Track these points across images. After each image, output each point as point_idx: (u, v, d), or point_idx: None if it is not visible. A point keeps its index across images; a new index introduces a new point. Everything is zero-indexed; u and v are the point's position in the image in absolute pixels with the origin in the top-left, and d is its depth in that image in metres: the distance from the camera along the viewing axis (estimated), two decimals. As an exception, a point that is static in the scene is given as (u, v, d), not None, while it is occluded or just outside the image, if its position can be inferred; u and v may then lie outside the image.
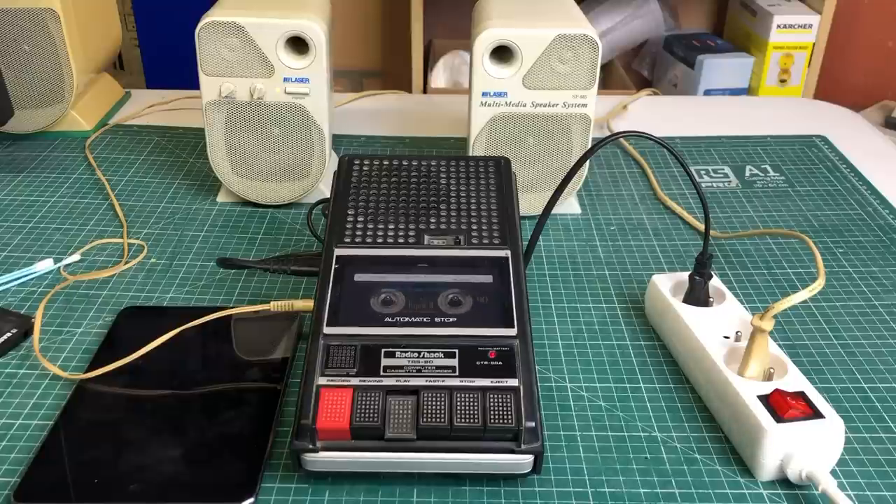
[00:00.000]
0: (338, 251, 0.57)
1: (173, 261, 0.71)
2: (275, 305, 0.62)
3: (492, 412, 0.47)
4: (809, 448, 0.49)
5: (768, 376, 0.53)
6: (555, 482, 0.50)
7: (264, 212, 0.78)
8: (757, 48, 1.89)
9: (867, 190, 0.83)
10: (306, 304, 0.62)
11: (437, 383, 0.49)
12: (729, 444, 0.53)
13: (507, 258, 0.57)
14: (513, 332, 0.52)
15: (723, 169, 0.88)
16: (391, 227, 0.59)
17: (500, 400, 0.48)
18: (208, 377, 0.56)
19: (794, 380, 0.52)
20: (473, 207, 0.61)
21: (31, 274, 0.68)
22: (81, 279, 0.67)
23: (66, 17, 0.84)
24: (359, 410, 0.47)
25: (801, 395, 0.51)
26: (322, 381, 0.49)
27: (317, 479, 0.50)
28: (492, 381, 0.49)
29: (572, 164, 0.75)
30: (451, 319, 0.53)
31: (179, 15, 1.76)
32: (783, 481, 0.50)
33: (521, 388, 0.49)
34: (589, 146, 0.75)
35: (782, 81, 1.88)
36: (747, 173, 0.87)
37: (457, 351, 0.51)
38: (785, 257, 0.72)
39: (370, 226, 0.59)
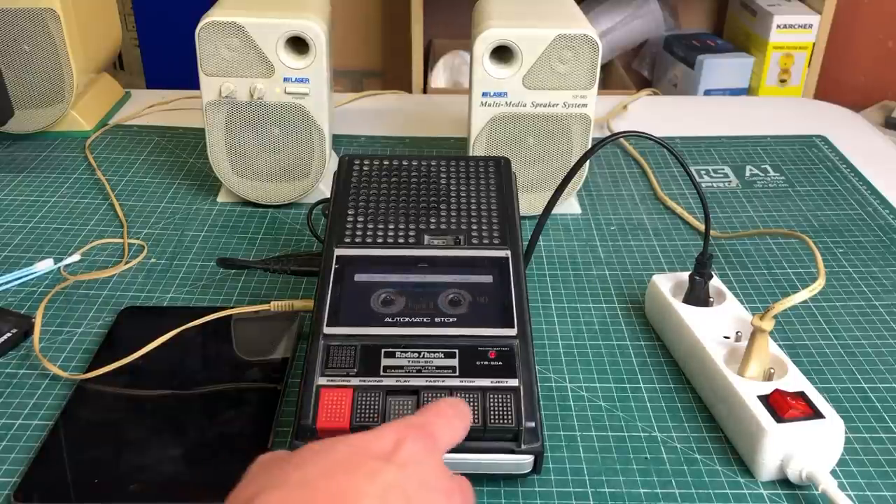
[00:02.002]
0: (338, 251, 0.57)
1: (173, 261, 0.71)
2: (275, 305, 0.62)
3: (492, 412, 0.47)
4: (809, 448, 0.49)
5: (768, 376, 0.53)
6: (555, 482, 0.50)
7: (264, 212, 0.78)
8: (757, 48, 1.89)
9: (867, 190, 0.83)
10: (306, 304, 0.62)
11: (437, 383, 0.49)
12: (729, 444, 0.53)
13: (507, 258, 0.57)
14: (513, 332, 0.52)
15: (723, 169, 0.88)
16: (391, 227, 0.59)
17: (500, 400, 0.48)
18: (208, 377, 0.56)
19: (794, 380, 0.52)
20: (473, 207, 0.61)
21: (31, 274, 0.68)
22: (81, 279, 0.67)
23: (66, 17, 0.84)
24: (359, 410, 0.47)
25: (801, 395, 0.51)
26: (322, 381, 0.49)
27: (317, 479, 0.50)
28: (492, 381, 0.49)
29: (572, 164, 0.75)
30: (451, 319, 0.53)
31: (179, 15, 1.76)
32: (783, 481, 0.50)
33: (521, 388, 0.49)
34: (589, 146, 0.74)
35: (782, 81, 1.88)
36: (747, 173, 0.87)
37: (457, 351, 0.51)
38: (785, 257, 0.72)
39: (370, 226, 0.59)
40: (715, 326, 0.57)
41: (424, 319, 0.53)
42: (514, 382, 0.49)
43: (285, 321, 0.62)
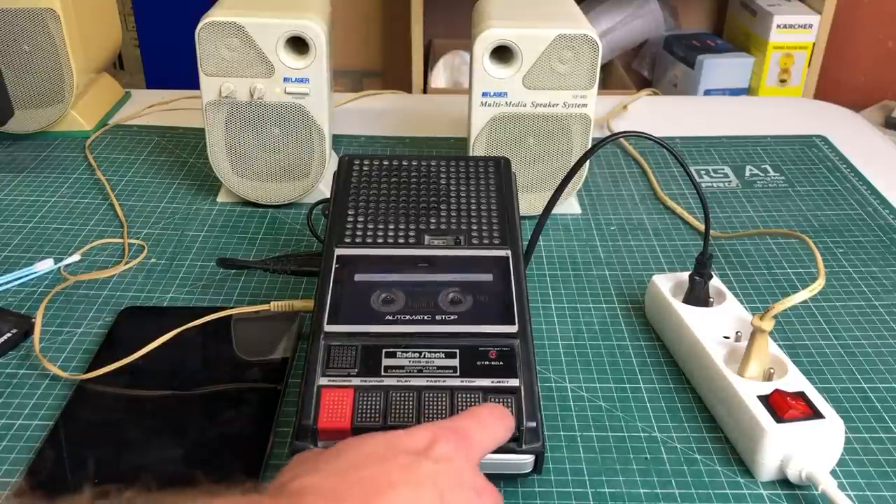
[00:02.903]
0: (338, 251, 0.57)
1: (173, 261, 0.70)
2: (275, 305, 0.62)
3: (492, 412, 0.47)
4: (809, 448, 0.49)
5: (768, 376, 0.53)
6: (555, 482, 0.50)
7: (264, 212, 0.78)
8: (757, 48, 1.89)
9: (867, 190, 0.83)
10: (306, 304, 0.62)
11: (438, 383, 0.49)
12: (729, 444, 0.53)
13: (507, 258, 0.57)
14: (513, 328, 0.52)
15: (723, 169, 0.88)
16: (391, 227, 0.59)
17: (500, 400, 0.48)
18: (208, 377, 0.56)
19: (794, 380, 0.52)
20: (473, 207, 0.61)
21: (31, 274, 0.68)
22: (81, 279, 0.67)
23: (66, 17, 0.84)
24: (360, 411, 0.47)
25: (801, 395, 0.51)
26: (323, 381, 0.49)
27: (317, 479, 0.50)
28: (492, 382, 0.49)
29: (572, 164, 0.75)
30: (452, 317, 0.53)
31: (179, 15, 1.76)
32: (783, 481, 0.50)
33: (522, 388, 0.49)
34: (589, 146, 0.74)
35: (782, 81, 1.88)
36: (747, 173, 0.87)
37: (457, 351, 0.51)
38: (785, 257, 0.72)
39: (370, 226, 0.59)
40: (715, 326, 0.57)
41: (425, 318, 0.53)
42: (514, 382, 0.49)
43: (285, 321, 0.62)
